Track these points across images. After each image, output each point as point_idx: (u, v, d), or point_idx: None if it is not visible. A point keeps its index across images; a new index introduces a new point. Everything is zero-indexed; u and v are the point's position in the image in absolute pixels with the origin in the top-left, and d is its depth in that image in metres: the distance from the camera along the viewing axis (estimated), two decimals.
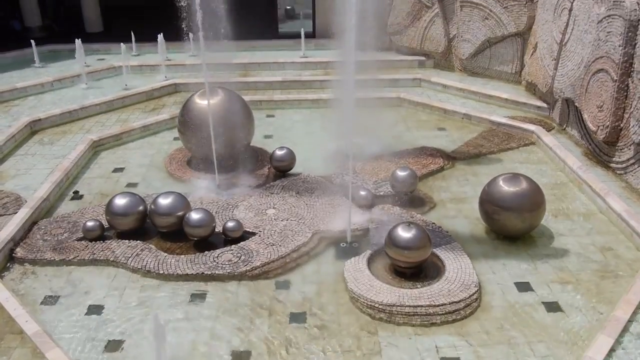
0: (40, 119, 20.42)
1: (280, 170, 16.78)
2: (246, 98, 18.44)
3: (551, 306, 11.33)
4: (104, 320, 10.98)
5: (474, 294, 11.44)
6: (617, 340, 9.99)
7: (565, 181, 16.50)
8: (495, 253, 13.16)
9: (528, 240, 13.55)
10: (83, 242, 13.37)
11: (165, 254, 12.91)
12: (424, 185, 16.24)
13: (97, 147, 18.86)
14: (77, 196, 16.01)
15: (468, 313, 11.07)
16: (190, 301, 11.55)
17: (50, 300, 11.62)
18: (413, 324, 10.79)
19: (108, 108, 22.06)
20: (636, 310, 10.73)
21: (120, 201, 13.61)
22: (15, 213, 14.24)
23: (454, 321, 10.87)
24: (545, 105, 21.11)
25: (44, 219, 14.48)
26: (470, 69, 25.05)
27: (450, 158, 17.97)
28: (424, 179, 16.49)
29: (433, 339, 10.42)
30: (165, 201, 13.54)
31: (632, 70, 15.43)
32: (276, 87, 24.38)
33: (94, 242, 13.36)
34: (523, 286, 11.96)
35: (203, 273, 12.23)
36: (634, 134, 15.32)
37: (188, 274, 12.22)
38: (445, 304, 11.06)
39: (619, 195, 14.87)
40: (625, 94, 15.71)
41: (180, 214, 13.43)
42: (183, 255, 12.87)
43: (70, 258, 12.82)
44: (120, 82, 24.29)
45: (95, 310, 11.30)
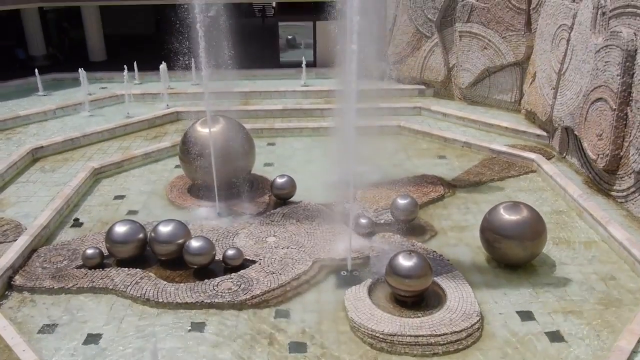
0: (42, 147, 20.52)
1: (281, 198, 16.79)
2: (247, 126, 18.56)
3: (554, 336, 11.20)
4: (102, 349, 10.86)
5: (476, 323, 11.32)
6: None
7: (566, 209, 16.48)
8: (497, 282, 13.07)
9: (530, 269, 13.47)
10: (82, 270, 13.30)
11: (165, 282, 12.84)
12: (425, 213, 16.22)
13: (99, 175, 18.91)
14: (77, 223, 15.99)
15: (470, 343, 10.95)
16: (190, 330, 11.44)
17: (48, 328, 11.52)
18: (414, 353, 10.66)
19: (110, 136, 22.20)
20: None
21: (120, 229, 13.59)
22: (15, 240, 14.22)
23: (455, 351, 10.74)
24: (545, 133, 21.22)
25: (44, 247, 14.44)
26: (470, 98, 25.26)
27: (451, 186, 17.99)
28: (424, 207, 16.49)
29: None
30: (165, 229, 13.52)
31: (631, 99, 15.56)
32: (277, 116, 24.55)
33: (93, 270, 13.29)
34: (525, 315, 11.85)
35: (203, 302, 12.13)
36: (634, 162, 15.36)
37: (187, 303, 12.12)
38: (446, 334, 10.94)
39: (620, 223, 14.83)
40: (625, 122, 15.81)
41: (181, 241, 13.40)
42: (183, 284, 12.78)
43: (69, 286, 12.74)
44: (122, 110, 24.49)
45: (93, 339, 11.19)
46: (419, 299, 11.99)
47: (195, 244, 13.13)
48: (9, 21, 33.64)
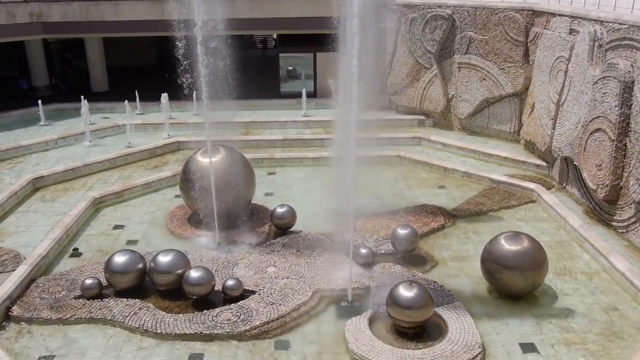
0: (43, 176, 20.57)
1: (281, 228, 16.76)
2: (248, 156, 18.65)
3: None
4: None
5: (478, 355, 11.19)
6: None
7: (567, 239, 16.43)
8: (499, 313, 12.96)
9: (531, 300, 13.37)
10: (80, 301, 13.20)
11: (164, 313, 12.73)
12: (425, 243, 16.17)
13: (99, 204, 18.91)
14: (77, 253, 15.92)
15: None
16: None
17: None
18: None
19: (111, 165, 22.27)
20: None
21: (119, 259, 13.53)
22: (14, 270, 14.14)
23: None
24: (544, 163, 21.29)
25: (42, 277, 14.35)
26: (469, 128, 25.42)
27: (451, 216, 17.97)
28: (425, 237, 16.45)
29: None
30: (164, 259, 13.46)
31: (629, 130, 15.67)
32: (277, 145, 24.69)
33: (91, 301, 13.20)
34: (528, 347, 11.72)
35: (202, 333, 12.01)
36: (634, 192, 15.38)
37: (186, 334, 12.00)
38: None
39: (621, 254, 14.78)
40: (624, 153, 15.88)
41: (180, 271, 13.33)
42: (182, 314, 12.68)
43: (67, 317, 12.63)
44: (123, 140, 24.62)
45: None
46: (420, 330, 11.88)
47: (194, 274, 13.06)
48: (12, 52, 34.10)
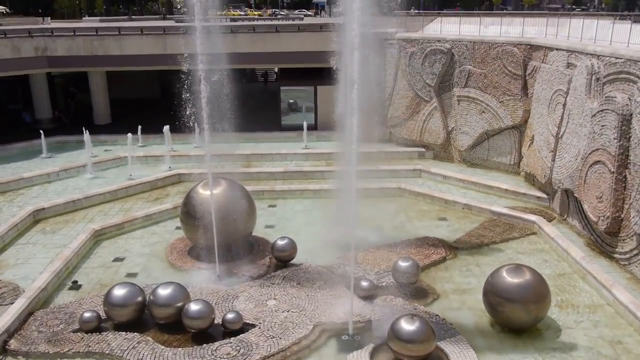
0: (43, 208, 20.57)
1: (282, 261, 16.67)
2: (249, 188, 18.68)
3: None
4: None
5: None
6: None
7: (569, 272, 16.32)
8: (501, 347, 12.79)
9: (534, 333, 13.21)
10: (79, 334, 13.06)
11: (163, 347, 12.57)
12: (427, 276, 16.06)
13: (99, 237, 18.86)
14: (76, 286, 15.82)
15: None
16: None
17: None
18: None
19: (112, 197, 22.29)
20: None
21: (118, 292, 13.44)
22: (12, 303, 14.04)
23: None
24: (545, 195, 21.30)
25: (41, 310, 14.23)
26: (470, 160, 25.52)
27: (453, 248, 17.90)
28: (426, 269, 16.34)
29: None
30: (164, 292, 13.36)
31: (629, 162, 15.73)
32: (278, 178, 24.75)
33: (90, 334, 13.05)
34: None
35: None
36: (635, 224, 15.35)
37: None
38: None
39: (624, 286, 14.66)
40: (624, 185, 15.91)
41: (179, 305, 13.22)
42: (180, 348, 12.52)
43: (64, 351, 12.48)
44: (125, 172, 24.70)
45: None
46: None
47: (194, 307, 12.95)
48: (17, 85, 34.53)
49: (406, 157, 26.80)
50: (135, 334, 13.00)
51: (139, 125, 28.72)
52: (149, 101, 38.25)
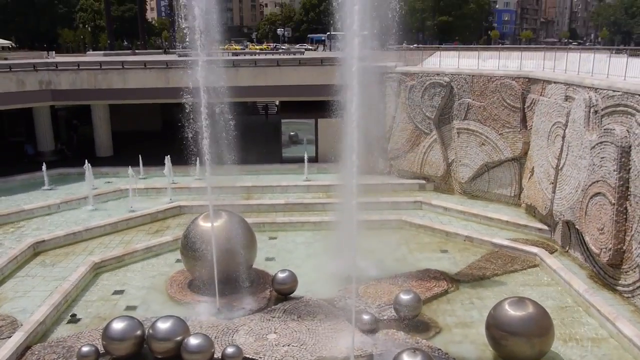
0: (43, 241, 20.52)
1: (282, 294, 16.54)
2: (249, 220, 18.65)
3: None
4: None
5: None
6: None
7: (572, 304, 16.17)
8: None
9: None
10: None
11: None
12: (429, 309, 15.91)
13: (99, 269, 18.75)
14: (74, 319, 15.66)
15: None
16: None
17: None
18: None
19: (112, 230, 22.25)
20: None
21: (117, 325, 13.30)
22: (9, 337, 13.88)
23: None
24: (546, 227, 21.25)
25: (39, 344, 14.05)
26: (470, 192, 25.54)
27: (454, 281, 17.78)
28: (428, 302, 16.20)
29: None
30: (163, 325, 13.22)
31: (629, 193, 15.75)
32: (279, 210, 24.73)
33: None
34: None
35: None
36: (637, 256, 15.28)
37: None
38: None
39: (628, 319, 14.51)
40: (625, 217, 15.90)
41: (179, 339, 13.06)
42: None
43: None
44: (126, 205, 24.71)
45: None
46: None
47: (193, 341, 12.80)
48: (20, 118, 34.83)
49: (407, 189, 26.83)
50: None
51: (141, 157, 28.86)
52: (151, 134, 38.51)
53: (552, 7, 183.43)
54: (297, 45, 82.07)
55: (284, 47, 73.97)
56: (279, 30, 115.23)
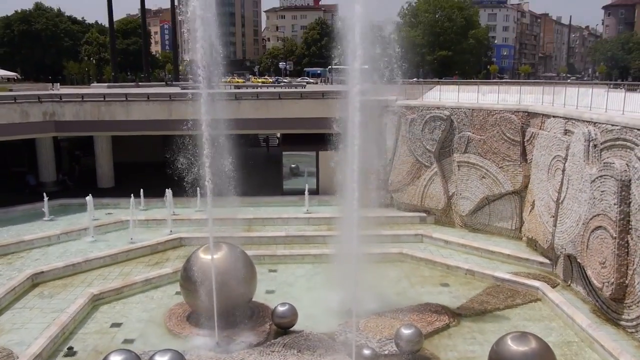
0: (42, 272, 20.42)
1: (282, 327, 16.37)
2: (250, 253, 18.58)
3: None
4: None
5: None
6: None
7: (575, 340, 15.97)
8: None
9: None
10: None
11: None
12: (430, 343, 15.71)
13: (97, 301, 18.60)
14: (71, 352, 15.46)
15: None
16: None
17: None
18: None
19: (112, 261, 22.16)
20: None
21: (114, 359, 13.10)
22: None
23: None
24: (547, 261, 21.14)
25: None
26: (471, 225, 25.49)
27: (456, 315, 17.60)
28: (429, 337, 16.00)
29: None
30: (161, 359, 13.04)
31: (630, 227, 15.72)
32: (280, 242, 24.65)
33: None
34: None
35: None
36: None
37: None
38: None
39: (632, 355, 14.31)
40: (626, 250, 15.83)
41: None
42: None
43: None
44: (126, 236, 24.66)
45: None
46: None
47: None
48: (23, 148, 35.03)
49: (408, 222, 26.79)
50: None
51: (142, 188, 28.92)
52: (153, 165, 38.65)
53: (550, 43, 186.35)
54: (299, 79, 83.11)
55: (285, 80, 74.93)
56: (281, 64, 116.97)
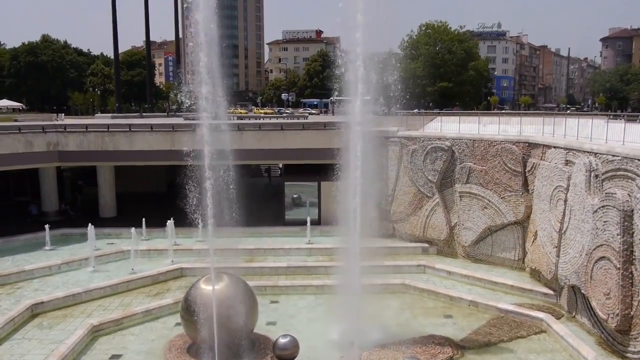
0: (42, 302, 20.28)
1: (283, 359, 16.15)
2: (251, 283, 18.45)
3: None
4: None
5: None
6: None
7: None
8: None
9: None
10: None
11: None
12: None
13: (97, 332, 18.41)
14: None
15: None
16: None
17: None
18: None
19: (112, 292, 22.02)
20: None
21: None
22: None
23: None
24: (551, 292, 20.94)
25: None
26: (474, 256, 25.36)
27: (459, 347, 17.36)
28: None
29: None
30: None
31: (634, 257, 15.63)
32: (281, 273, 24.50)
33: None
34: None
35: None
36: None
37: None
38: None
39: None
40: (631, 281, 15.71)
41: None
42: None
43: None
44: (127, 266, 24.54)
45: None
46: None
47: None
48: (26, 177, 35.17)
49: (410, 253, 26.65)
50: None
51: (144, 218, 28.92)
52: (155, 195, 38.75)
53: (549, 74, 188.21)
54: (301, 110, 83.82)
55: (287, 111, 75.55)
56: (284, 95, 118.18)
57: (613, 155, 17.16)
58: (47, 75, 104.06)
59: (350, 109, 15.42)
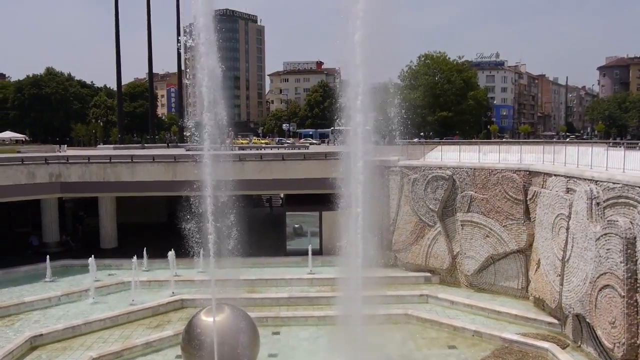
0: (41, 334, 20.08)
1: None
2: (253, 314, 18.28)
3: None
4: None
5: None
6: None
7: None
8: None
9: None
10: None
11: None
12: None
13: None
14: None
15: None
16: None
17: None
18: None
19: (112, 324, 21.81)
20: None
21: None
22: None
23: None
24: (556, 321, 20.72)
25: None
26: (477, 285, 25.17)
27: None
28: None
29: None
30: None
31: (638, 285, 15.52)
32: (283, 304, 24.28)
33: None
34: None
35: None
36: None
37: None
38: None
39: None
40: (636, 309, 15.56)
41: None
42: None
43: None
44: (127, 298, 24.37)
45: None
46: None
47: None
48: (27, 208, 35.17)
49: (412, 282, 26.45)
50: None
51: (145, 249, 28.82)
52: (156, 226, 38.69)
53: (548, 103, 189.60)
54: (302, 140, 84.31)
55: (289, 141, 76.00)
56: (285, 125, 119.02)
57: (614, 183, 17.19)
58: (51, 107, 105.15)
59: (350, 138, 15.52)
